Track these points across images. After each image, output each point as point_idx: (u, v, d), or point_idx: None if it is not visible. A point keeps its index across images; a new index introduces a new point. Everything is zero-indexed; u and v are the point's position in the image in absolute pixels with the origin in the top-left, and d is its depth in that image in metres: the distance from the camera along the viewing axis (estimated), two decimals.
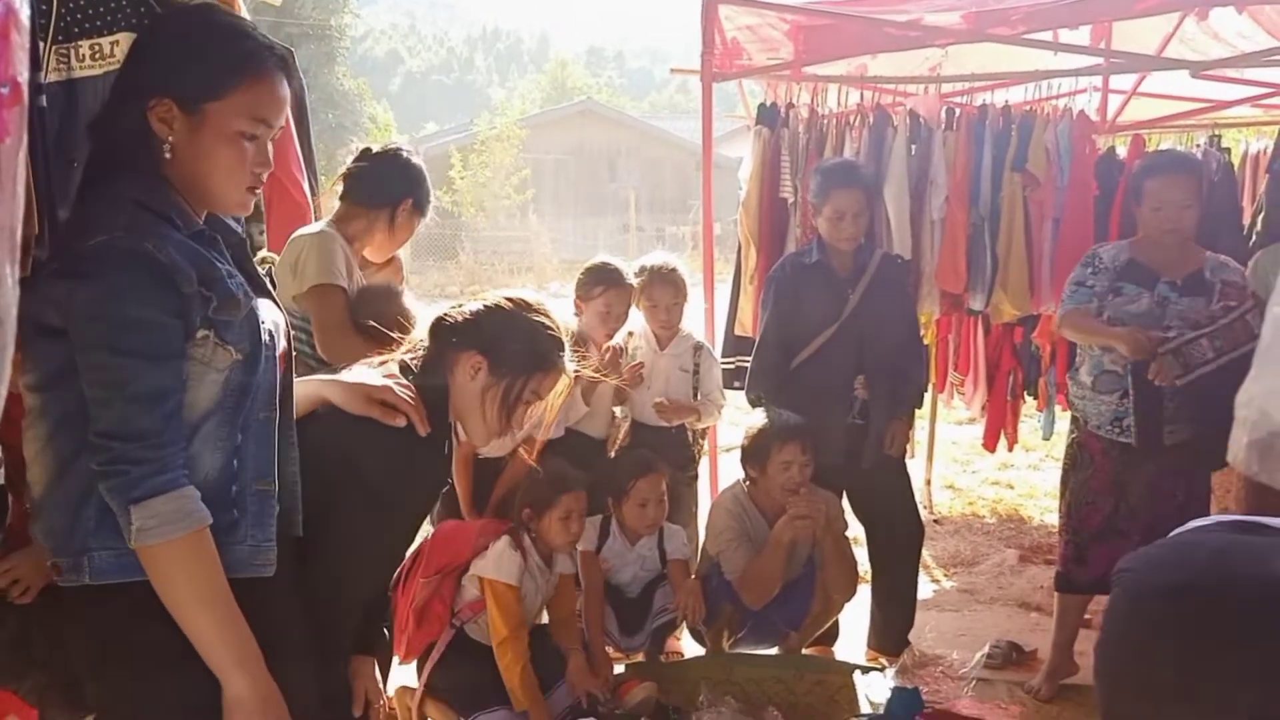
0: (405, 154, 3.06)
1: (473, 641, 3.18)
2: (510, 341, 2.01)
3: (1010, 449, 5.97)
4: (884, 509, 3.79)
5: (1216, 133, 5.43)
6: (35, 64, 1.98)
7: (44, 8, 2.00)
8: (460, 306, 2.06)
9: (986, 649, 3.83)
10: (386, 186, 3.01)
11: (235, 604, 1.50)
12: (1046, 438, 6.10)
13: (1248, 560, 1.86)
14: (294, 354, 1.78)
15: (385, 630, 2.22)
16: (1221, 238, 4.26)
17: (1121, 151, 5.37)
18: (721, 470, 4.57)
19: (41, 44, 2.01)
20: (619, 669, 3.52)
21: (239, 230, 1.74)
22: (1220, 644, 1.77)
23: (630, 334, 3.73)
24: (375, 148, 3.06)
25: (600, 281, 3.54)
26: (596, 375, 2.86)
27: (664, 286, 3.67)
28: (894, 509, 3.79)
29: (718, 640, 3.58)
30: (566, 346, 2.10)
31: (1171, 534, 2.12)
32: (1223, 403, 2.96)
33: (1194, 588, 1.81)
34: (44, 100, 1.96)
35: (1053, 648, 3.63)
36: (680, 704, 3.28)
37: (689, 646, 3.82)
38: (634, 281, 3.61)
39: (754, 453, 3.45)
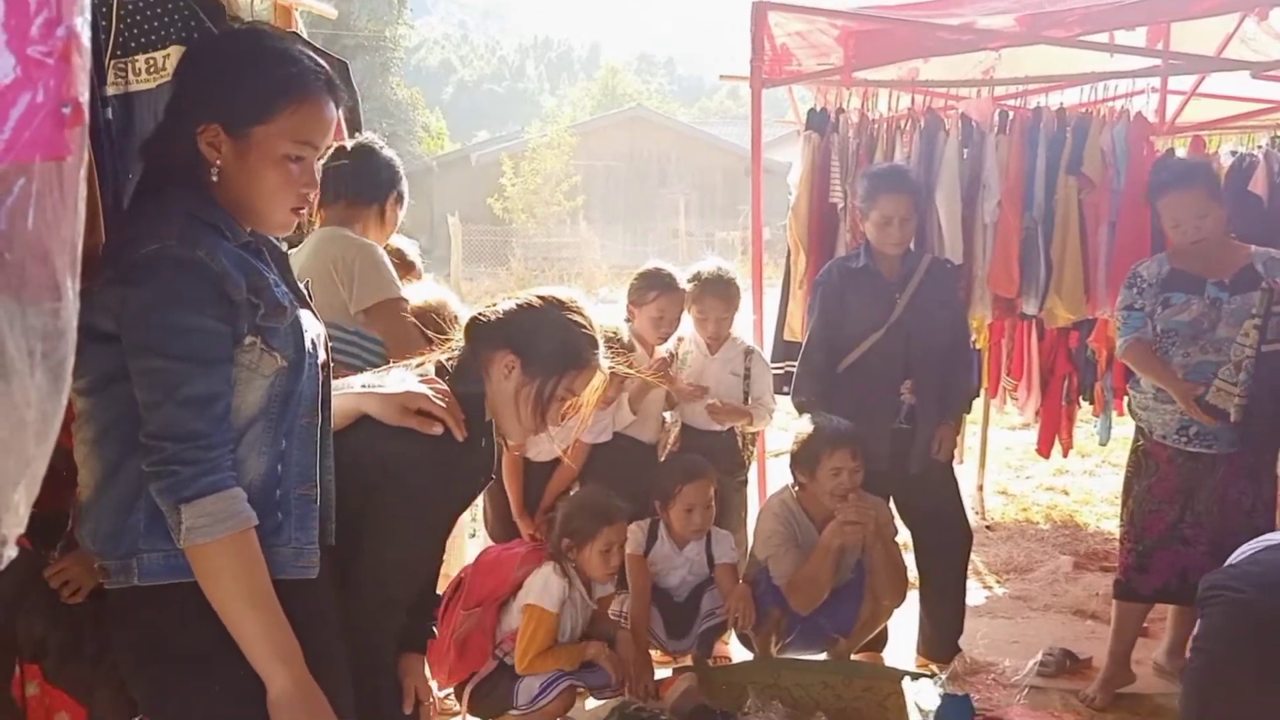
0: (379, 146, 3.04)
1: (512, 669, 3.18)
2: (542, 340, 2.02)
3: (1065, 455, 5.89)
4: (931, 514, 3.77)
5: (1278, 134, 5.31)
6: (101, 78, 2.05)
7: (104, 24, 2.06)
8: (494, 306, 2.08)
9: (1040, 656, 3.78)
10: (375, 181, 2.98)
11: (279, 604, 1.53)
12: (1103, 443, 6.01)
13: None
14: (333, 365, 1.81)
15: (434, 629, 2.25)
16: None
17: (1181, 153, 5.28)
18: (770, 475, 4.57)
19: (105, 58, 2.08)
20: (666, 672, 3.54)
21: (280, 244, 1.78)
22: None
23: (680, 339, 3.73)
24: (349, 144, 2.96)
25: (654, 287, 3.56)
26: (640, 375, 2.86)
27: (715, 300, 3.65)
28: (942, 514, 3.76)
29: (765, 645, 3.58)
30: (600, 343, 2.11)
31: (1254, 548, 2.09)
32: None
33: None
34: (110, 113, 2.04)
35: (1109, 656, 3.58)
36: (727, 708, 3.28)
37: (737, 651, 3.82)
38: (686, 287, 3.62)
39: (803, 458, 3.44)
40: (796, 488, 3.55)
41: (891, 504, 3.66)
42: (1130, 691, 3.56)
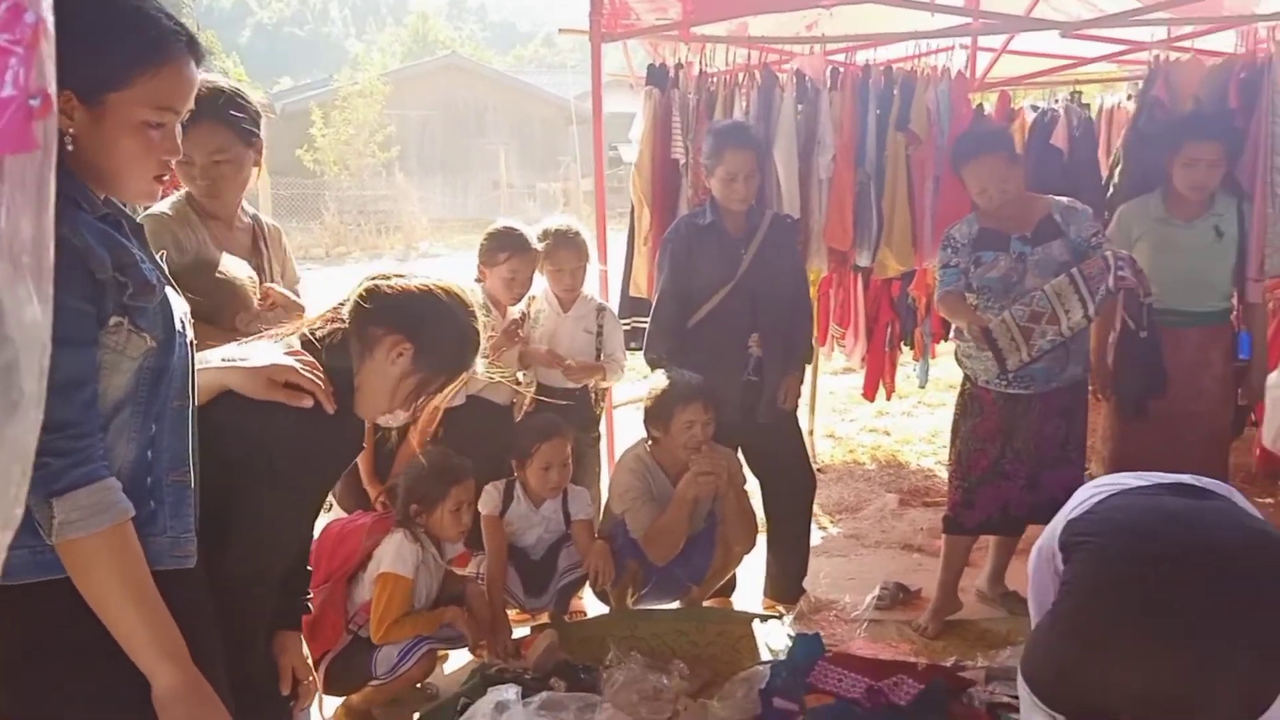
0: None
1: (367, 641, 3.14)
2: (442, 339, 1.97)
3: (889, 397, 6.18)
4: (778, 462, 3.89)
5: (1077, 89, 5.68)
6: None
7: None
8: (391, 282, 2.00)
9: (876, 591, 3.99)
10: None
11: (160, 596, 1.46)
12: (922, 385, 6.35)
13: (1209, 525, 2.04)
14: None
15: (308, 604, 2.18)
16: (1083, 189, 4.49)
17: (989, 108, 5.57)
18: (617, 426, 4.61)
19: None
20: (524, 630, 3.56)
21: (134, 215, 1.66)
22: (1211, 610, 1.93)
23: (532, 298, 3.71)
24: None
25: (505, 248, 3.50)
26: (501, 379, 2.85)
27: (569, 250, 3.67)
28: (788, 461, 3.89)
29: (622, 598, 3.64)
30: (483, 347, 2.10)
31: (1105, 493, 2.25)
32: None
33: (1172, 557, 1.97)
34: None
35: (939, 587, 3.79)
36: (588, 663, 3.32)
37: (591, 605, 3.86)
38: (538, 246, 3.59)
39: (657, 413, 3.50)
40: (650, 442, 3.60)
41: (740, 453, 3.76)
42: (958, 619, 3.80)
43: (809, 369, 5.95)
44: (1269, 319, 4.51)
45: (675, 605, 3.76)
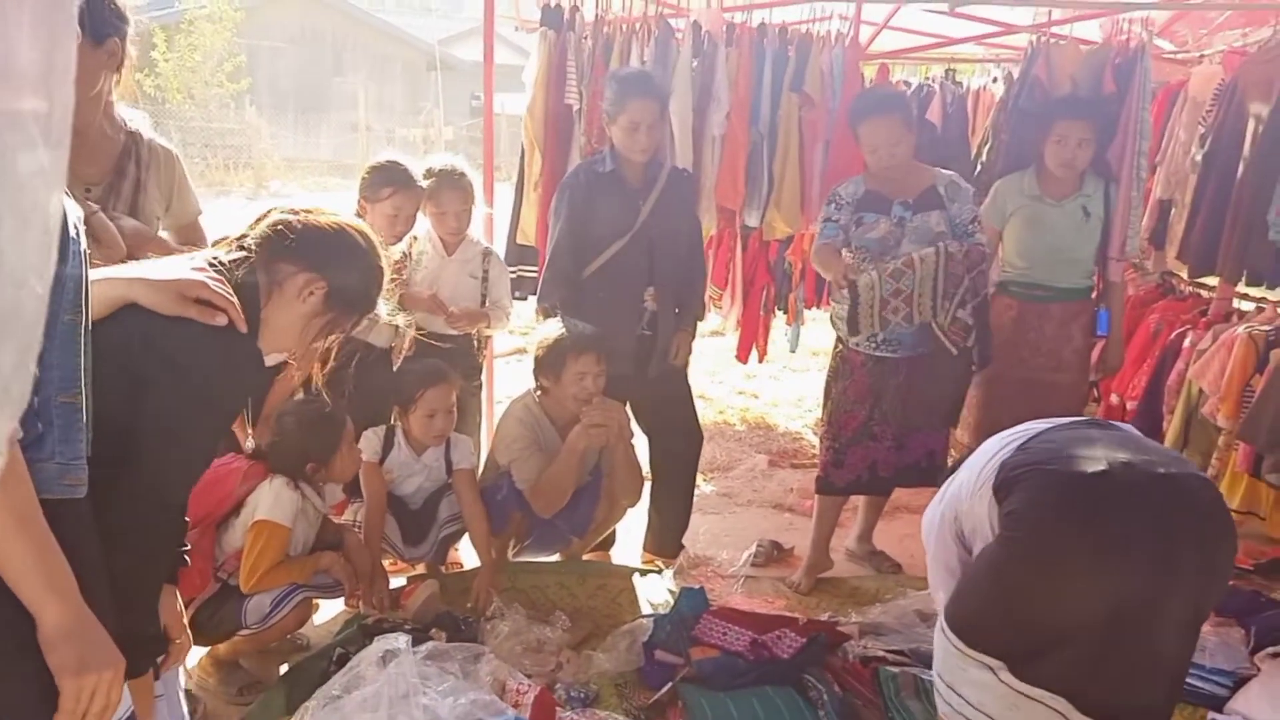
0: None
1: (237, 589, 3.00)
2: (357, 281, 1.90)
3: (761, 360, 6.26)
4: (667, 418, 3.87)
5: (952, 67, 5.83)
6: None
7: None
8: (301, 217, 1.88)
9: (753, 548, 4.06)
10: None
11: (48, 526, 1.32)
12: (793, 350, 6.45)
13: (1136, 447, 2.14)
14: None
15: (185, 556, 2.04)
16: (952, 164, 4.61)
17: (867, 80, 5.65)
18: (497, 376, 4.51)
19: None
20: (401, 581, 3.46)
21: None
22: (1160, 517, 2.02)
23: (414, 238, 3.56)
24: None
25: (389, 182, 3.34)
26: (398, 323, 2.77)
27: (453, 192, 3.53)
28: (676, 418, 3.88)
29: (504, 549, 3.58)
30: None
31: (1017, 437, 2.32)
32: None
33: (1115, 473, 2.05)
34: None
35: (812, 545, 3.88)
36: (468, 614, 3.26)
37: (469, 557, 3.79)
38: (423, 184, 3.44)
39: (548, 363, 3.42)
40: (539, 392, 3.53)
41: (628, 407, 3.72)
42: (830, 576, 3.90)
43: None
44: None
45: (555, 558, 3.73)
